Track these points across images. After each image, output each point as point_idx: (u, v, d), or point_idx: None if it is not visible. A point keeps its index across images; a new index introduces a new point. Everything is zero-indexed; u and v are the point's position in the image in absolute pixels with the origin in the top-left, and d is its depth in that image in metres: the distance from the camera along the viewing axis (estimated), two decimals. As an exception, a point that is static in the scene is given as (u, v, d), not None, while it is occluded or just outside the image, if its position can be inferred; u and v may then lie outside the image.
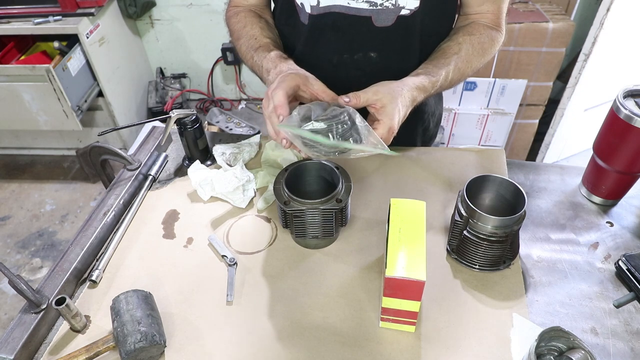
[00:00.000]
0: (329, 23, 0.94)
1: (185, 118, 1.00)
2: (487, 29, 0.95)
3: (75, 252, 0.86)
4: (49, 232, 2.46)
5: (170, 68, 3.17)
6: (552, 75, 2.20)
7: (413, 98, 0.83)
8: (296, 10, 0.97)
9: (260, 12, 1.05)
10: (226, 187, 0.96)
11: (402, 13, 0.90)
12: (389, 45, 0.96)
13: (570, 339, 0.64)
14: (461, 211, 0.79)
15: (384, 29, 0.93)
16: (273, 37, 0.98)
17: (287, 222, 0.84)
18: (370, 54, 0.97)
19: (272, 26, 1.04)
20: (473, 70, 0.95)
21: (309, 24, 0.96)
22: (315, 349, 0.73)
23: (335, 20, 0.93)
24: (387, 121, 0.77)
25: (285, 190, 0.82)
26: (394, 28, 0.92)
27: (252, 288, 0.82)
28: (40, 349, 0.75)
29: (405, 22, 0.92)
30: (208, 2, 2.82)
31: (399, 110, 0.79)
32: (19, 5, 2.27)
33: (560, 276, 0.83)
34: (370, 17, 0.91)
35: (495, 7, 0.95)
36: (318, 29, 0.96)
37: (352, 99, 0.77)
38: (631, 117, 0.82)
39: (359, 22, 0.92)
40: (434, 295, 0.79)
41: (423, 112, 1.13)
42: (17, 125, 2.47)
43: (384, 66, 0.98)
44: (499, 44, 0.97)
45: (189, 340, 0.75)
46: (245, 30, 0.99)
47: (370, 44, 0.96)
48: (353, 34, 0.94)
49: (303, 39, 0.99)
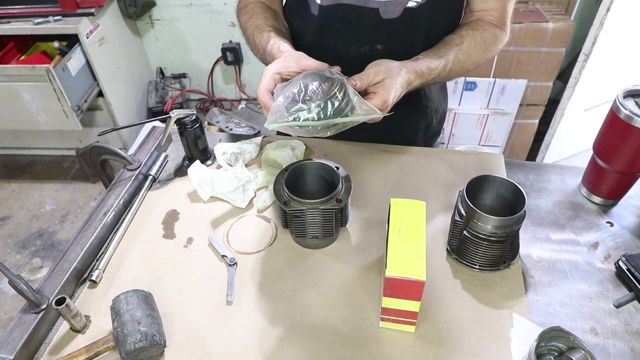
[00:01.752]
0: (337, 14, 0.95)
1: (185, 118, 1.00)
2: (491, 26, 0.96)
3: (75, 252, 0.86)
4: (49, 232, 2.46)
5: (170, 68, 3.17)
6: (552, 75, 2.19)
7: (409, 81, 0.84)
8: (307, 2, 0.98)
9: (269, 2, 1.06)
10: (226, 187, 0.96)
11: (409, 5, 0.91)
12: (395, 38, 0.97)
13: (570, 339, 0.64)
14: (461, 211, 0.79)
15: (390, 21, 0.94)
16: (276, 26, 1.00)
17: (287, 222, 0.84)
18: (376, 46, 0.98)
19: (278, 16, 1.05)
20: (474, 64, 0.95)
21: (319, 15, 0.97)
22: (315, 349, 0.73)
23: (344, 11, 0.94)
24: (383, 93, 0.78)
25: (285, 190, 0.82)
26: (400, 20, 0.94)
27: (252, 288, 0.82)
28: (40, 349, 0.75)
29: (411, 14, 0.93)
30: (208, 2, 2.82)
31: (396, 88, 0.80)
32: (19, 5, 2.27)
33: (560, 276, 0.83)
34: (377, 9, 0.92)
35: (500, 5, 0.96)
36: (327, 21, 0.97)
37: (358, 82, 0.79)
38: (631, 117, 0.82)
39: (367, 14, 0.93)
40: (434, 295, 0.79)
41: (426, 107, 1.13)
42: (17, 125, 2.47)
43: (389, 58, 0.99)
44: (502, 43, 0.98)
45: (189, 340, 0.75)
46: (250, 21, 1.01)
47: (377, 36, 0.97)
48: (361, 26, 0.96)
49: (312, 30, 1.01)
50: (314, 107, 0.73)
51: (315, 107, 0.73)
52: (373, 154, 1.08)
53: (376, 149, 1.09)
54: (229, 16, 2.87)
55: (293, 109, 0.73)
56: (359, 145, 1.10)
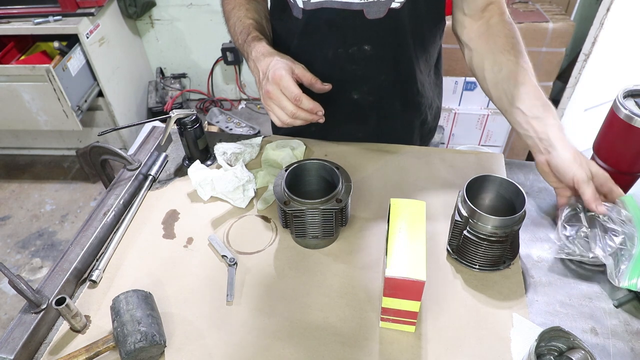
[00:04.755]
0: (322, 18, 0.95)
1: (185, 118, 1.00)
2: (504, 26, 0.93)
3: (75, 252, 0.86)
4: (49, 232, 2.46)
5: (170, 68, 3.17)
6: (552, 75, 2.19)
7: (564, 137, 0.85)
8: (289, 6, 0.97)
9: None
10: (226, 187, 0.96)
11: (393, 6, 0.91)
12: (382, 38, 0.96)
13: (570, 339, 0.64)
14: (461, 211, 0.79)
15: (375, 21, 0.93)
16: (256, 18, 1.02)
17: (287, 222, 0.84)
18: (364, 47, 0.98)
19: (260, 7, 1.06)
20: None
21: (303, 19, 0.97)
22: (315, 348, 0.73)
23: (329, 15, 0.94)
24: (578, 174, 0.81)
25: (285, 190, 0.82)
26: (385, 20, 0.93)
27: (252, 288, 0.82)
28: (40, 349, 0.75)
29: (396, 15, 0.92)
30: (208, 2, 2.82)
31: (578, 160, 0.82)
32: (19, 5, 2.27)
33: (560, 276, 0.83)
34: (362, 11, 0.92)
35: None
36: (312, 24, 0.97)
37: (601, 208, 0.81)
38: (631, 117, 0.82)
39: (352, 15, 0.93)
40: (434, 295, 0.79)
41: (420, 104, 1.12)
42: (17, 125, 2.47)
43: (378, 58, 0.99)
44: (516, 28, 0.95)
45: (189, 340, 0.75)
46: (233, 12, 1.03)
47: (363, 37, 0.97)
48: (346, 28, 0.95)
49: (298, 34, 1.01)
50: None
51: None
52: (373, 154, 1.08)
53: (376, 149, 1.09)
54: (229, 16, 2.86)
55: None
56: (359, 145, 1.10)
